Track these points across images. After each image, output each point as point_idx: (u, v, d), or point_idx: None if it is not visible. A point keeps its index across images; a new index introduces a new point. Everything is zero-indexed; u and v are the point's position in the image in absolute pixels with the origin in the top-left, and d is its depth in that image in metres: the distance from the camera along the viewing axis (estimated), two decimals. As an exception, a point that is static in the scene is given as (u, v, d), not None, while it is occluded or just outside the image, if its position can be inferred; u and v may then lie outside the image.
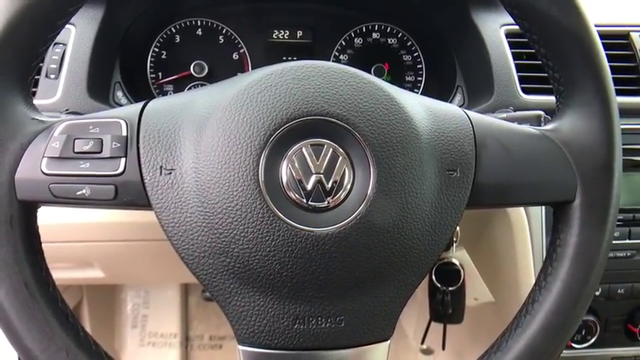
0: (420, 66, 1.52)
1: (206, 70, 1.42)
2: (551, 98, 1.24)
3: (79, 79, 1.10)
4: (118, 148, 0.62)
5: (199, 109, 0.65)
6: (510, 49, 1.23)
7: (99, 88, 1.17)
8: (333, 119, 0.64)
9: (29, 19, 0.60)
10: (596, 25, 0.70)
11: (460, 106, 1.34)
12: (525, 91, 1.21)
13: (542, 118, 1.01)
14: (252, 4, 1.46)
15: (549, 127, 0.72)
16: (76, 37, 1.12)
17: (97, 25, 1.15)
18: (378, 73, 1.48)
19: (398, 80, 1.52)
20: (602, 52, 0.70)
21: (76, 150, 0.60)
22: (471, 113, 0.75)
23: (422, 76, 1.52)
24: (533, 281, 0.70)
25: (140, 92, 1.37)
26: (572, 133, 0.68)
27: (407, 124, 0.67)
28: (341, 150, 0.61)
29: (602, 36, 0.72)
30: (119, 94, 1.23)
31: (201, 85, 1.45)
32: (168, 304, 2.28)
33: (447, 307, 1.14)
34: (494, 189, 0.68)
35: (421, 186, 0.62)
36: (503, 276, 1.25)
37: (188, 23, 1.45)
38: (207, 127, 0.63)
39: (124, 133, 0.63)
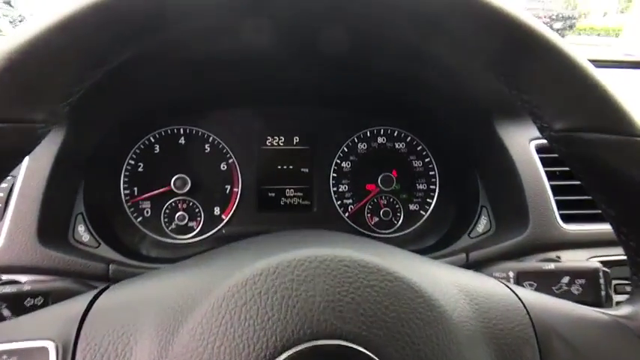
0: (433, 172, 1.34)
1: (188, 185, 1.23)
2: (597, 227, 1.07)
3: (29, 220, 0.90)
4: None
5: (157, 326, 0.49)
6: (543, 167, 1.05)
7: (54, 227, 0.97)
8: (347, 344, 0.44)
9: None
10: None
11: (486, 232, 1.18)
12: (565, 219, 1.02)
13: (602, 274, 0.82)
14: (243, 109, 1.29)
15: (625, 311, 0.58)
16: (28, 169, 0.93)
17: (55, 150, 0.96)
18: (387, 183, 1.30)
19: (408, 189, 1.34)
20: None
21: None
22: (524, 296, 0.57)
23: (435, 184, 1.34)
24: None
25: (109, 217, 1.17)
26: None
27: (450, 338, 0.48)
28: None
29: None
30: (81, 229, 1.02)
31: (183, 200, 1.26)
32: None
33: None
34: None
35: None
36: None
37: (169, 132, 1.27)
38: (167, 358, 0.46)
39: None
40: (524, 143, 1.07)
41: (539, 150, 1.07)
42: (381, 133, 1.34)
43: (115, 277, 0.94)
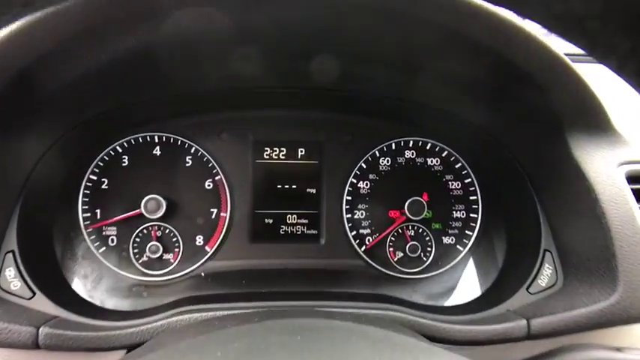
0: (475, 197, 1.06)
1: (163, 208, 0.97)
2: None
3: None
4: None
5: None
6: (638, 202, 0.75)
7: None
8: None
9: None
10: None
11: (551, 286, 0.89)
12: (670, 276, 0.73)
13: None
14: (233, 111, 1.02)
15: None
16: None
17: None
18: (415, 210, 1.02)
19: (442, 217, 1.06)
20: None
21: None
22: None
23: (477, 212, 1.05)
24: None
25: (56, 251, 0.90)
26: None
27: None
28: None
29: None
30: (10, 273, 0.77)
31: (157, 226, 1.00)
32: None
33: None
34: None
35: None
36: None
37: (141, 140, 1.01)
38: None
39: None
40: (609, 169, 0.77)
41: (633, 178, 0.77)
42: (410, 145, 1.07)
43: (46, 346, 0.69)
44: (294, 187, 1.05)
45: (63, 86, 0.77)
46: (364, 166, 1.05)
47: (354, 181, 1.05)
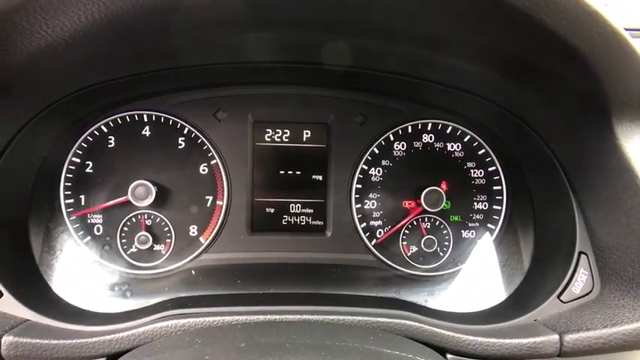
0: (499, 188, 0.95)
1: (153, 195, 0.88)
2: None
3: None
4: None
5: None
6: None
7: None
8: None
9: None
10: None
11: (586, 294, 0.78)
12: None
13: None
14: (231, 88, 0.92)
15: None
16: None
17: None
18: (433, 200, 0.92)
19: (462, 209, 0.96)
20: None
21: None
22: None
23: (501, 204, 0.95)
24: None
25: (31, 243, 0.82)
26: None
27: None
28: None
29: None
30: None
31: (147, 215, 0.91)
32: None
33: None
34: None
35: None
36: None
37: (129, 119, 0.92)
38: None
39: None
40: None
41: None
42: (428, 128, 0.96)
43: (9, 357, 0.61)
44: (298, 173, 0.96)
45: (33, 56, 0.67)
46: (376, 151, 0.95)
47: (365, 167, 0.95)
